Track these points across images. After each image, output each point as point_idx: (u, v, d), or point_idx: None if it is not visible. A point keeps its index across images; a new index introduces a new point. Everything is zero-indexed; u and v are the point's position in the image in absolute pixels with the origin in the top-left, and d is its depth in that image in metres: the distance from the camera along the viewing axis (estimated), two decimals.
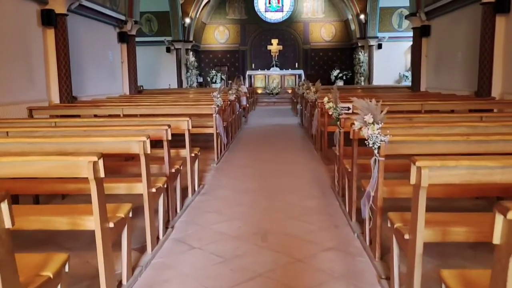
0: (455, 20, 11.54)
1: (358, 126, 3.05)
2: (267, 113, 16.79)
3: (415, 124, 3.93)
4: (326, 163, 6.90)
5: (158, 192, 3.67)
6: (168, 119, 4.92)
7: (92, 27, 11.88)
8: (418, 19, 13.20)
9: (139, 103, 8.42)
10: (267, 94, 21.44)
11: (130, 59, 14.01)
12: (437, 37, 12.73)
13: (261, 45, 26.47)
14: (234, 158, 7.55)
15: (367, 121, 2.96)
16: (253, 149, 8.35)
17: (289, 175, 6.19)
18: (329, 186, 5.54)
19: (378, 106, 3.03)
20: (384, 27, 22.03)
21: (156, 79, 22.24)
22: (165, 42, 22.03)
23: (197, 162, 5.35)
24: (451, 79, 11.66)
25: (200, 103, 7.53)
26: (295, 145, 8.89)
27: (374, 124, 2.95)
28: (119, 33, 13.58)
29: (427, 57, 13.32)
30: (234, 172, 6.46)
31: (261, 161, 7.24)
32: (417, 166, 2.21)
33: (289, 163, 7.08)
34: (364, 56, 22.32)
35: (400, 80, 22.10)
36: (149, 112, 7.22)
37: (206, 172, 6.46)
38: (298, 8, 26.44)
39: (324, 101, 4.96)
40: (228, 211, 4.57)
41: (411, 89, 13.81)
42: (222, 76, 23.96)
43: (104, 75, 12.62)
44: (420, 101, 7.19)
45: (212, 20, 26.55)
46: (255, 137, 10.03)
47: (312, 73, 25.99)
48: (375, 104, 2.99)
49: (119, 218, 2.83)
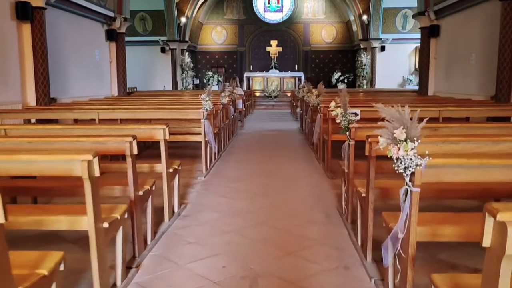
0: (467, 19, 10.70)
1: (384, 143, 2.18)
2: (265, 117, 15.94)
3: (447, 138, 3.06)
4: (330, 176, 6.02)
5: (113, 226, 2.79)
6: (141, 127, 4.05)
7: (76, 24, 11.02)
8: (427, 18, 12.36)
9: (122, 106, 7.55)
10: (265, 97, 20.60)
11: (119, 59, 13.14)
12: (447, 38, 11.88)
13: (260, 46, 25.64)
14: (225, 169, 6.67)
15: (398, 138, 2.08)
16: (247, 159, 7.47)
17: (287, 192, 5.32)
18: (334, 207, 4.66)
19: (415, 117, 2.15)
20: (387, 29, 21.18)
21: (150, 81, 21.40)
22: (160, 42, 21.19)
23: (177, 178, 4.48)
24: (463, 82, 10.80)
25: (187, 107, 6.66)
26: (294, 154, 8.01)
27: (407, 141, 2.08)
28: (107, 31, 12.71)
29: (436, 59, 12.46)
30: (223, 187, 5.58)
31: (256, 173, 6.36)
32: (500, 221, 1.33)
33: (287, 176, 6.21)
34: (366, 59, 21.47)
35: (403, 83, 21.26)
36: (128, 116, 6.35)
37: (191, 187, 5.58)
38: (298, 8, 25.62)
39: (331, 107, 4.09)
40: (211, 242, 3.69)
41: (418, 93, 12.94)
42: (219, 78, 23.10)
43: (89, 76, 11.74)
44: (436, 107, 6.33)
45: (210, 20, 25.71)
46: (251, 145, 9.16)
47: (312, 76, 25.13)
48: (408, 113, 2.12)
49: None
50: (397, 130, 2.08)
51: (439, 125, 3.94)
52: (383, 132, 2.16)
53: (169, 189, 4.15)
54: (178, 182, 4.54)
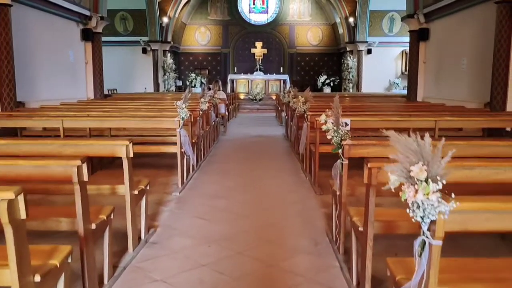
0: (459, 23, 10.33)
1: (396, 182, 1.65)
2: (249, 121, 15.39)
3: (461, 163, 2.55)
4: (318, 192, 5.51)
5: (51, 277, 2.21)
6: (100, 142, 3.47)
7: (48, 22, 10.34)
8: (416, 21, 11.97)
9: (92, 112, 6.94)
10: (250, 100, 20.05)
11: (95, 60, 12.46)
12: (437, 42, 11.51)
13: (245, 48, 25.09)
14: (203, 183, 6.10)
15: (415, 176, 1.56)
16: (228, 170, 6.91)
17: (271, 211, 4.78)
18: (323, 231, 4.14)
19: (437, 148, 1.64)
20: (374, 32, 20.84)
21: (131, 82, 20.68)
22: (141, 42, 20.50)
23: (144, 200, 3.90)
24: (454, 88, 10.42)
25: (162, 114, 6.08)
26: (279, 164, 7.49)
27: (428, 182, 1.56)
28: (82, 30, 12.06)
29: (425, 63, 12.09)
30: (200, 205, 5.02)
31: (237, 188, 5.80)
32: None
33: (271, 192, 5.67)
34: (353, 62, 21.08)
35: (390, 87, 20.94)
36: (96, 125, 5.77)
37: (164, 205, 5.00)
38: (284, 10, 25.15)
39: (321, 120, 3.56)
40: (181, 280, 3.14)
41: (407, 98, 12.56)
42: (202, 80, 22.48)
43: (62, 77, 11.06)
44: (431, 116, 5.88)
45: (193, 21, 25.07)
46: (233, 153, 8.60)
47: (297, 79, 24.70)
48: (429, 145, 1.60)
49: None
50: (414, 167, 1.56)
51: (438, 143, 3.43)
52: (396, 168, 1.63)
53: (133, 214, 3.58)
54: (146, 204, 3.97)
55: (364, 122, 5.64)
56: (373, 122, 5.64)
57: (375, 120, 5.65)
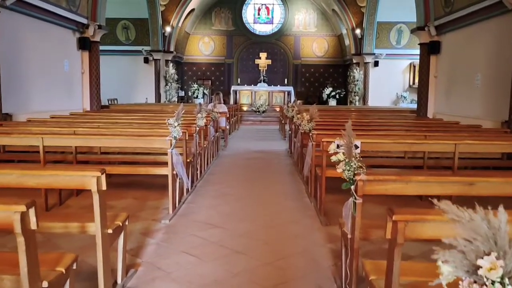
0: (472, 36, 9.80)
1: (451, 276, 1.09)
2: (251, 134, 14.86)
3: None
4: (323, 222, 4.94)
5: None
6: (68, 173, 2.92)
7: (42, 30, 9.89)
8: (427, 34, 11.46)
9: (80, 127, 6.43)
10: (253, 111, 19.55)
11: (92, 69, 12.00)
12: (449, 55, 10.98)
13: (249, 59, 24.69)
14: (197, 208, 5.54)
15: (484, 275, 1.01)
16: (225, 193, 6.35)
17: (270, 246, 4.22)
18: (329, 275, 3.57)
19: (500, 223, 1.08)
20: (381, 43, 20.36)
21: (132, 92, 20.27)
22: (143, 52, 20.10)
23: (122, 237, 3.35)
24: (466, 105, 9.86)
25: (152, 133, 5.55)
26: (281, 186, 6.92)
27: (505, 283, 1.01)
28: (79, 39, 11.61)
29: (436, 78, 11.55)
30: (191, 236, 4.46)
31: (234, 215, 5.25)
32: None
33: (272, 221, 5.10)
34: (359, 74, 20.56)
35: (397, 101, 20.40)
36: (79, 143, 5.25)
37: (151, 236, 4.45)
38: (289, 20, 24.75)
39: (330, 149, 3.01)
40: None
41: (416, 113, 12.00)
42: (204, 91, 22.02)
43: (56, 88, 10.59)
44: (449, 138, 5.32)
45: (197, 31, 24.70)
46: (232, 172, 8.04)
47: (302, 90, 24.23)
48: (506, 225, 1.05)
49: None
50: (483, 261, 1.00)
51: (474, 179, 2.87)
52: (452, 256, 1.07)
53: (106, 256, 3.02)
54: (125, 243, 3.41)
55: (375, 144, 5.08)
56: (385, 145, 5.09)
57: (387, 142, 5.10)
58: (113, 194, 6.11)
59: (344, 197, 3.12)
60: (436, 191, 2.87)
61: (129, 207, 5.52)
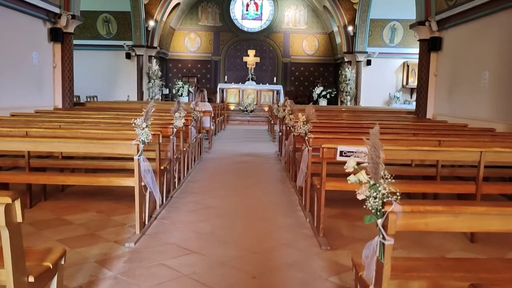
0: (479, 31, 9.03)
1: None
2: (239, 134, 13.97)
3: None
4: (323, 245, 4.05)
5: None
6: None
7: (6, 18, 8.86)
8: (427, 29, 10.68)
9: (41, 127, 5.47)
10: (240, 111, 18.68)
11: (65, 64, 10.96)
12: (452, 52, 10.21)
13: (236, 56, 23.79)
14: (171, 226, 4.63)
15: None
16: (207, 206, 5.45)
17: (258, 281, 3.34)
18: None
19: None
20: (374, 42, 19.63)
21: (113, 90, 19.23)
22: (125, 47, 19.07)
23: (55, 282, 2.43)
24: (471, 105, 9.09)
25: (117, 135, 4.63)
26: (272, 197, 6.04)
27: None
28: (51, 30, 10.58)
29: (437, 76, 10.78)
30: (159, 268, 3.54)
31: (214, 236, 4.35)
32: None
33: (259, 243, 4.21)
34: (351, 73, 19.78)
35: (390, 101, 19.69)
36: (26, 148, 4.32)
37: (108, 266, 3.53)
38: (279, 17, 23.89)
39: (348, 167, 2.12)
40: None
41: (415, 114, 11.22)
42: (190, 89, 21.03)
43: (22, 83, 9.55)
44: (474, 145, 4.50)
45: (182, 26, 23.71)
46: (215, 180, 7.13)
47: (291, 90, 23.41)
48: None
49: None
50: None
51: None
52: None
53: None
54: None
55: (387, 152, 4.22)
56: (397, 152, 4.24)
57: (400, 149, 4.25)
58: (73, 206, 5.20)
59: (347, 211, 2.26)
60: (494, 227, 2.02)
61: (88, 224, 4.59)
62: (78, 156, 5.91)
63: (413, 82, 18.98)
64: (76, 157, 5.94)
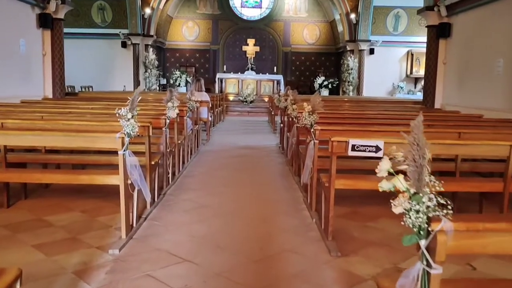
0: (492, 15, 8.51)
1: None
2: (238, 126, 13.48)
3: None
4: (332, 251, 3.58)
5: None
6: None
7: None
8: (436, 14, 10.15)
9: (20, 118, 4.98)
10: (240, 101, 18.14)
11: (55, 51, 10.45)
12: (462, 39, 9.69)
13: (236, 45, 23.20)
14: (162, 228, 4.15)
15: None
16: (202, 205, 4.97)
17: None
18: None
19: None
20: (377, 30, 19.06)
21: (109, 79, 18.68)
22: (121, 35, 18.49)
23: None
24: (485, 95, 8.59)
25: (99, 128, 4.14)
26: (274, 194, 5.56)
27: None
28: (39, 15, 10.04)
29: (446, 64, 10.26)
30: (146, 281, 3.07)
31: (209, 240, 3.88)
32: None
33: (262, 249, 3.74)
34: (353, 62, 19.21)
35: (393, 91, 19.16)
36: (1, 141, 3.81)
37: (87, 279, 3.05)
38: (279, 5, 23.26)
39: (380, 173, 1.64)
40: None
41: (423, 104, 10.72)
42: (188, 79, 20.46)
43: (10, 72, 9.05)
44: (500, 138, 4.02)
45: (180, 14, 23.08)
46: (213, 174, 6.65)
47: (292, 80, 22.83)
48: None
49: None
50: None
51: None
52: None
53: None
54: None
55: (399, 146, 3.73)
56: None
57: None
58: (56, 205, 4.73)
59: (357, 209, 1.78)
60: None
61: (70, 226, 4.12)
62: (65, 150, 5.45)
63: (417, 72, 18.47)
64: (64, 151, 5.47)
